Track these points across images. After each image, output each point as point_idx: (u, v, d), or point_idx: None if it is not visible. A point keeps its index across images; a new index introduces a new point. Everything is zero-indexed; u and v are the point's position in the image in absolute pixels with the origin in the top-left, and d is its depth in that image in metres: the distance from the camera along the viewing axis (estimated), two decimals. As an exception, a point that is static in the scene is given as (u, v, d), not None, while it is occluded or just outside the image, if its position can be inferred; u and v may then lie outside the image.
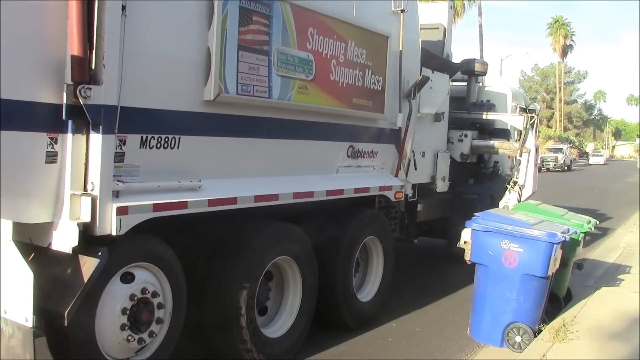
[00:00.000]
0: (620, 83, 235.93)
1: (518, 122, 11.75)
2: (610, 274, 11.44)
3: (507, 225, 7.63)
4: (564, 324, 7.52)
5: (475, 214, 8.26)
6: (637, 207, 22.79)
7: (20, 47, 4.59)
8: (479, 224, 7.79)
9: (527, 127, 11.49)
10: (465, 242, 8.02)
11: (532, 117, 11.56)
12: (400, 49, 8.72)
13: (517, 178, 11.45)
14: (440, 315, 9.16)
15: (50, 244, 4.96)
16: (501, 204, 11.31)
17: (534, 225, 7.66)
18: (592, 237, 16.21)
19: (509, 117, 12.20)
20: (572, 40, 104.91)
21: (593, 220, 9.51)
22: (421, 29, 9.73)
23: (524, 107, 13.57)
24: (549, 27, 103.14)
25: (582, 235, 8.71)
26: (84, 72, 4.76)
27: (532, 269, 7.43)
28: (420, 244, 11.97)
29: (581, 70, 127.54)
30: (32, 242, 5.01)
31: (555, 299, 8.66)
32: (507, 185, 11.68)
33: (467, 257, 7.91)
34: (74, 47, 4.71)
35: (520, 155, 11.51)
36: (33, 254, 4.94)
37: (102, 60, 4.83)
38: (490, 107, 12.58)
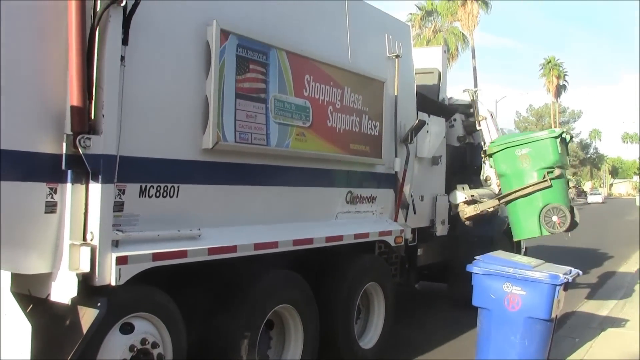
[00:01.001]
0: (615, 121, 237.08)
1: (465, 98, 12.05)
2: (615, 314, 11.36)
3: (508, 268, 7.60)
4: (569, 367, 7.45)
5: (475, 257, 8.22)
6: (638, 245, 22.74)
7: (20, 98, 4.61)
8: (480, 267, 7.76)
9: (475, 99, 11.90)
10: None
11: (475, 91, 12.06)
12: (396, 93, 8.79)
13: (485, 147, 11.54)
14: (443, 360, 9.07)
15: (49, 295, 4.91)
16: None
17: (535, 268, 7.63)
18: (596, 277, 16.19)
19: (460, 98, 12.39)
20: (565, 81, 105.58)
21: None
22: (416, 73, 9.82)
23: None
24: (542, 67, 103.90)
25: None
26: (84, 122, 4.78)
27: (535, 311, 7.37)
28: (421, 289, 11.91)
29: (575, 110, 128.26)
30: (30, 294, 4.96)
31: None
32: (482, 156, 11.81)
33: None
34: (74, 98, 4.74)
35: (479, 125, 11.83)
36: (31, 306, 4.88)
37: (101, 110, 4.86)
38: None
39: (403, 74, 9.03)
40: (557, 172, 10.05)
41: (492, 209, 11.02)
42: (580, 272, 8.29)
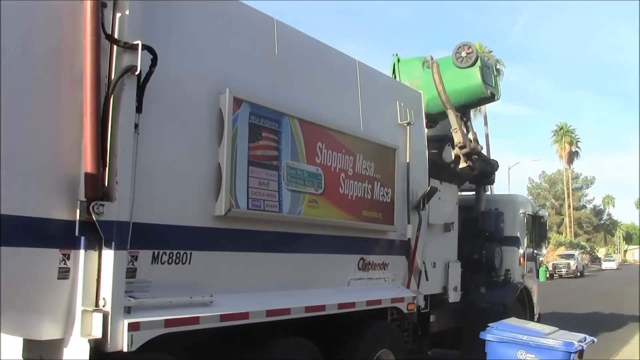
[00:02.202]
0: (628, 187, 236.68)
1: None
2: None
3: (522, 335, 7.55)
4: None
5: (489, 324, 8.17)
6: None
7: (35, 164, 4.69)
8: (494, 335, 7.72)
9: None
10: None
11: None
12: (408, 160, 8.85)
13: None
14: None
15: (60, 361, 4.91)
16: None
17: (549, 335, 7.58)
18: (611, 344, 15.95)
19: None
20: (578, 147, 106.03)
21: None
22: (428, 140, 9.89)
23: (532, 213, 13.68)
24: (554, 134, 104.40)
25: None
26: (98, 189, 4.84)
27: (549, 379, 7.29)
28: (434, 355, 11.75)
29: (588, 176, 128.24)
30: (42, 359, 4.97)
31: None
32: None
33: None
34: (88, 165, 4.81)
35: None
36: (43, 372, 4.89)
37: (115, 177, 4.93)
38: (499, 215, 12.63)
39: (415, 141, 9.11)
40: (428, 57, 10.79)
41: (460, 120, 11.07)
42: (595, 340, 8.21)
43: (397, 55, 11.62)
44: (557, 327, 8.96)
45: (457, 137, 10.79)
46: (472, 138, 11.28)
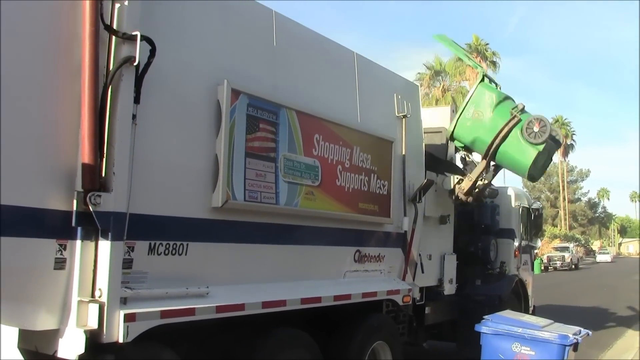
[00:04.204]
0: (622, 180, 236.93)
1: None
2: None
3: (517, 328, 7.56)
4: None
5: (484, 316, 8.18)
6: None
7: (32, 155, 4.67)
8: (489, 327, 7.72)
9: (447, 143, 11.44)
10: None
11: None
12: (405, 153, 8.85)
13: None
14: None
15: (56, 351, 4.89)
16: None
17: (544, 327, 7.58)
18: (606, 337, 16.01)
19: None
20: (573, 140, 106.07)
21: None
22: (425, 132, 9.90)
23: (527, 206, 13.68)
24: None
25: None
26: (95, 179, 4.83)
27: (544, 372, 7.30)
28: (429, 348, 11.78)
29: (583, 169, 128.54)
30: (37, 350, 4.95)
31: None
32: None
33: None
34: (85, 155, 4.79)
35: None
36: (38, 363, 4.89)
37: (112, 168, 4.91)
38: (494, 207, 12.64)
39: (412, 133, 9.12)
40: (520, 106, 10.00)
41: (484, 172, 10.64)
42: (590, 333, 8.21)
43: (484, 70, 11.22)
44: (552, 319, 8.97)
45: (466, 184, 10.58)
46: (481, 185, 11.06)
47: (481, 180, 10.65)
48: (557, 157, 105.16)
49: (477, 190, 10.65)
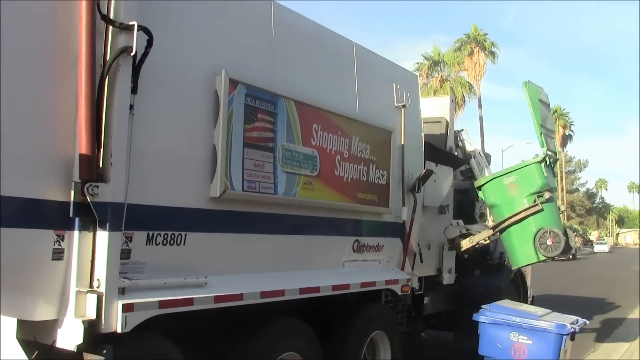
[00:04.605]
0: (620, 171, 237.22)
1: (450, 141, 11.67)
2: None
3: (515, 317, 7.57)
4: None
5: (482, 306, 8.19)
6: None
7: (30, 145, 4.66)
8: (487, 317, 7.74)
9: (461, 139, 11.74)
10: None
11: (460, 130, 11.86)
12: (403, 143, 8.84)
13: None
14: (449, 411, 8.97)
15: (54, 341, 4.89)
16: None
17: (542, 317, 7.60)
18: (603, 327, 16.05)
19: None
20: (572, 130, 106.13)
21: None
22: (424, 122, 9.88)
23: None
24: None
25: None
26: (92, 170, 4.81)
27: (542, 361, 7.31)
28: (427, 337, 11.82)
29: (582, 160, 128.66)
30: (36, 340, 4.94)
31: None
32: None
33: None
34: (83, 146, 4.78)
35: (468, 164, 11.55)
36: (37, 352, 4.86)
37: (109, 158, 4.90)
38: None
39: (410, 123, 9.10)
40: (547, 195, 9.93)
41: (487, 240, 10.80)
42: (587, 322, 8.24)
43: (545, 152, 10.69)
44: (550, 309, 8.98)
45: (466, 243, 10.67)
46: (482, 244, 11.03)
47: (484, 240, 10.80)
48: (555, 147, 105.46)
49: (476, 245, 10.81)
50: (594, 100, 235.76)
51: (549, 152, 10.41)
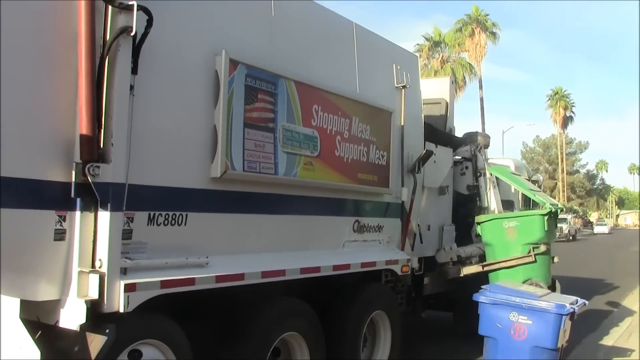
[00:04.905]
0: (621, 152, 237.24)
1: (465, 152, 11.79)
2: (621, 344, 11.30)
3: (515, 297, 7.59)
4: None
5: (482, 286, 8.22)
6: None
7: (30, 126, 4.67)
8: (487, 297, 7.76)
9: (475, 153, 11.69)
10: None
11: (474, 142, 11.86)
12: (403, 124, 8.84)
13: (480, 202, 11.61)
14: (449, 390, 9.02)
15: (57, 321, 4.92)
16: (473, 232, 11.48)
17: (542, 297, 7.62)
18: (602, 307, 16.12)
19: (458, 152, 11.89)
20: (572, 112, 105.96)
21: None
22: (424, 103, 9.88)
23: (527, 178, 13.66)
24: (549, 99, 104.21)
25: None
26: (93, 150, 4.83)
27: (541, 341, 7.36)
28: (427, 318, 11.86)
29: (582, 141, 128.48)
30: (39, 320, 4.98)
31: None
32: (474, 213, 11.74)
33: None
34: (83, 126, 4.79)
35: (477, 181, 11.64)
36: (40, 332, 4.89)
37: (110, 139, 4.91)
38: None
39: (410, 104, 9.10)
40: (542, 248, 9.98)
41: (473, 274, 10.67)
42: (587, 302, 8.26)
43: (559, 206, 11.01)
44: (549, 290, 9.01)
45: (453, 273, 10.90)
46: None
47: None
48: (556, 129, 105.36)
49: None
50: (595, 82, 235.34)
51: (552, 206, 10.46)
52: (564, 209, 11.04)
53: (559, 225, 58.33)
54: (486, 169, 11.57)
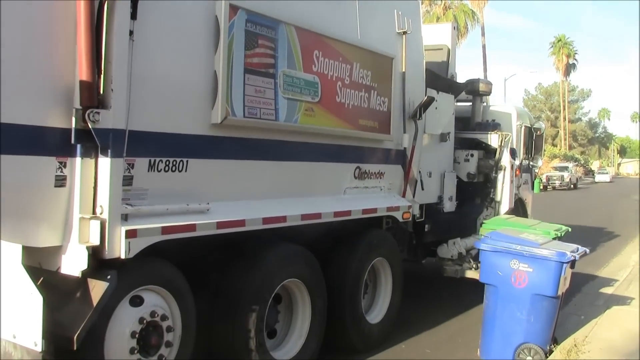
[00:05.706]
0: (624, 100, 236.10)
1: (493, 141, 11.86)
2: (621, 293, 11.38)
3: (516, 245, 7.59)
4: (575, 344, 7.46)
5: (483, 234, 8.23)
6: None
7: (30, 72, 4.64)
8: (488, 244, 7.75)
9: (502, 145, 11.73)
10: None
11: (506, 135, 11.90)
12: (405, 70, 8.77)
13: (493, 195, 11.69)
14: (449, 336, 9.11)
15: (59, 267, 4.96)
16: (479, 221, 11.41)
17: (543, 245, 7.62)
18: (602, 255, 16.21)
19: (487, 136, 12.09)
20: (575, 59, 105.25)
21: (564, 228, 9.47)
22: (426, 50, 9.77)
23: (529, 125, 13.60)
24: (552, 46, 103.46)
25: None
26: (93, 96, 4.80)
27: (542, 288, 7.38)
28: (427, 265, 11.92)
29: (585, 89, 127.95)
30: (41, 266, 5.00)
31: None
32: (485, 202, 11.87)
33: None
34: (83, 72, 4.75)
35: (496, 173, 11.69)
36: (42, 278, 4.90)
37: (110, 84, 4.87)
38: (495, 126, 12.54)
39: (412, 50, 9.01)
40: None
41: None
42: (587, 250, 8.26)
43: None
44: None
45: (451, 273, 11.15)
46: None
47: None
48: (558, 77, 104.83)
49: None
50: (599, 28, 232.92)
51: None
52: (569, 231, 10.82)
53: (559, 173, 58.83)
54: (508, 165, 11.61)
